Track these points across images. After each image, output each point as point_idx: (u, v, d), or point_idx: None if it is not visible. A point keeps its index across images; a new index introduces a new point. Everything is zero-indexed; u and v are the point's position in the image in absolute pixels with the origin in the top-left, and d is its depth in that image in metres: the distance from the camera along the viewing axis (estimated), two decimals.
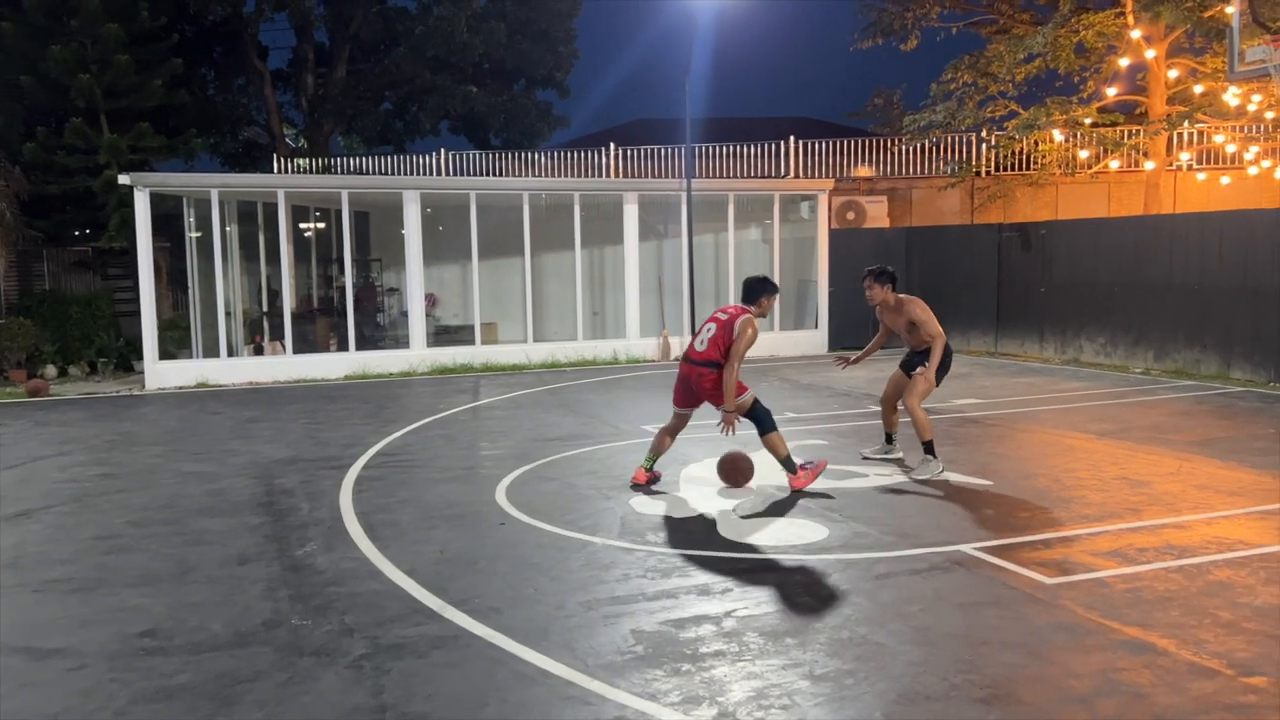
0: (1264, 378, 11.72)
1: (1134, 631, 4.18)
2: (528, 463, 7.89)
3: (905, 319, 7.52)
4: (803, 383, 12.86)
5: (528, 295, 15.54)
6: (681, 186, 16.26)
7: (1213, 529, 5.73)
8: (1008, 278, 15.63)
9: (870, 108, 22.69)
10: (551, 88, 25.53)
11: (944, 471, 7.25)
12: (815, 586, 4.84)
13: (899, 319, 7.57)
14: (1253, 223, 12.16)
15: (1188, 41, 16.39)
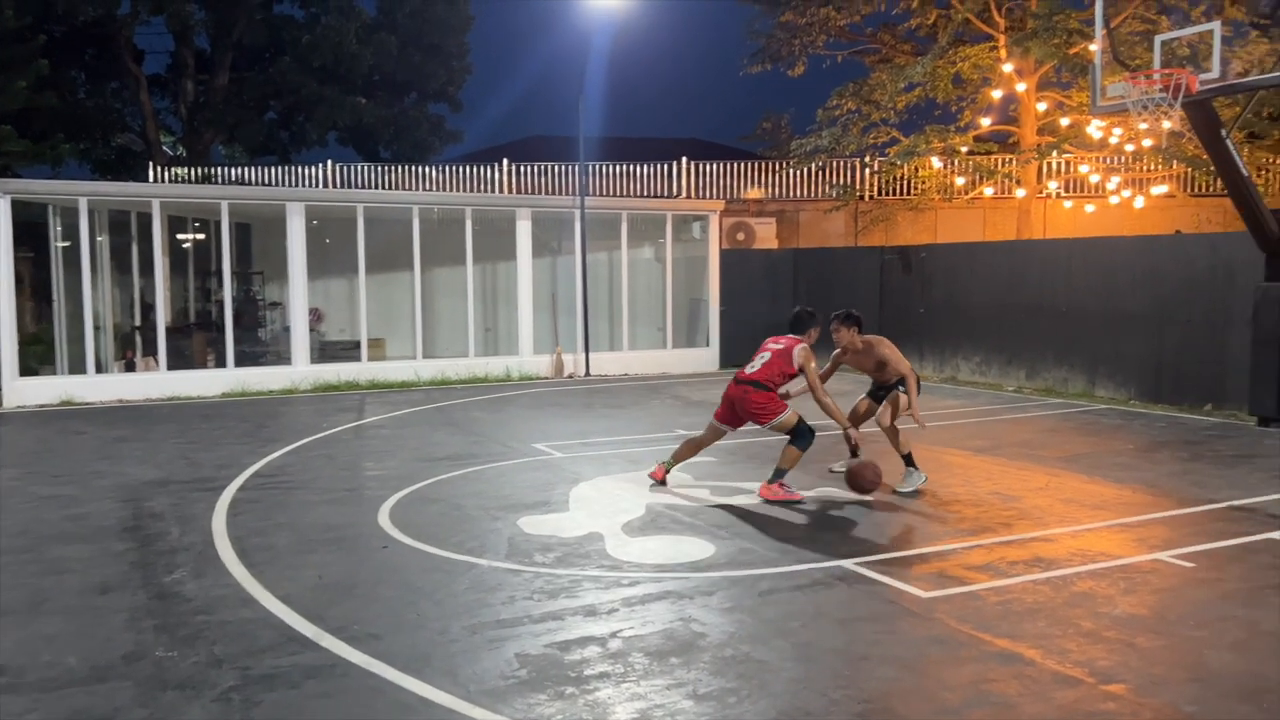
0: (1125, 396, 12.38)
1: (1003, 643, 4.33)
2: (413, 483, 7.72)
3: (874, 359, 7.69)
4: (694, 399, 12.98)
5: (417, 311, 15.27)
6: (575, 204, 16.27)
7: (1077, 541, 6.01)
8: (889, 298, 16.13)
9: (760, 131, 23.23)
10: (444, 102, 25.31)
11: (925, 481, 7.52)
12: (701, 605, 4.86)
13: (867, 360, 7.72)
14: (1114, 249, 12.87)
15: (1056, 76, 17.30)
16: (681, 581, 5.22)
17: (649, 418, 11.38)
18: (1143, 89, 9.67)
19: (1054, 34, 15.42)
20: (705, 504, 6.96)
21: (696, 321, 17.59)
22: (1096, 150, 17.51)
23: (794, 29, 19.48)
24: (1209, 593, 5.03)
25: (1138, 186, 18.34)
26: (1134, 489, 7.44)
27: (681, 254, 17.43)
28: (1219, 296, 11.40)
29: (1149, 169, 18.14)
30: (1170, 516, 6.63)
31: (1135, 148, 16.85)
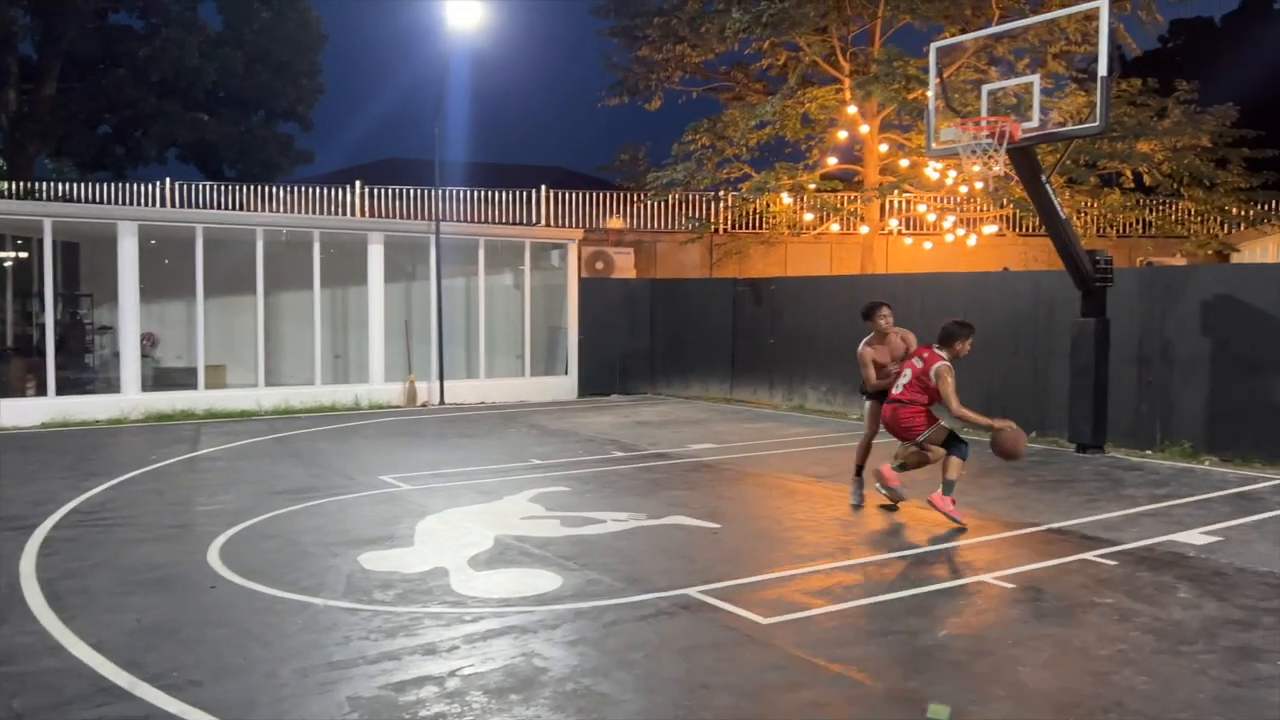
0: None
1: (837, 667, 4.45)
2: (248, 519, 7.36)
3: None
4: (550, 428, 12.93)
5: (260, 336, 14.67)
6: (431, 229, 16.03)
7: (908, 565, 6.25)
8: (741, 329, 16.53)
9: (618, 163, 23.51)
10: (294, 120, 24.54)
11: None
12: (544, 639, 4.80)
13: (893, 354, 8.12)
14: (948, 284, 13.59)
15: (896, 119, 18.21)
16: (526, 616, 5.16)
17: (503, 447, 11.25)
18: (972, 135, 10.28)
19: (894, 79, 16.25)
20: (555, 536, 6.90)
21: (555, 349, 17.57)
22: (933, 190, 18.50)
23: (651, 64, 19.85)
24: (1026, 612, 5.32)
25: (970, 225, 19.47)
26: (963, 513, 7.81)
27: (540, 282, 17.40)
28: (1041, 330, 12.18)
29: (980, 209, 19.30)
30: (995, 539, 7.00)
31: (968, 189, 17.91)
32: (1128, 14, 17.74)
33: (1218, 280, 10.82)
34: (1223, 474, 9.54)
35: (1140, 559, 6.34)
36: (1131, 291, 11.21)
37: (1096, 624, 5.08)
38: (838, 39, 18.08)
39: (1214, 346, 10.51)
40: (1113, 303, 10.97)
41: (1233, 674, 4.40)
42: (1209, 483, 9.06)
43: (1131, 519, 7.55)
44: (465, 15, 16.05)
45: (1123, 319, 11.05)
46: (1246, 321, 10.27)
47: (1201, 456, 10.36)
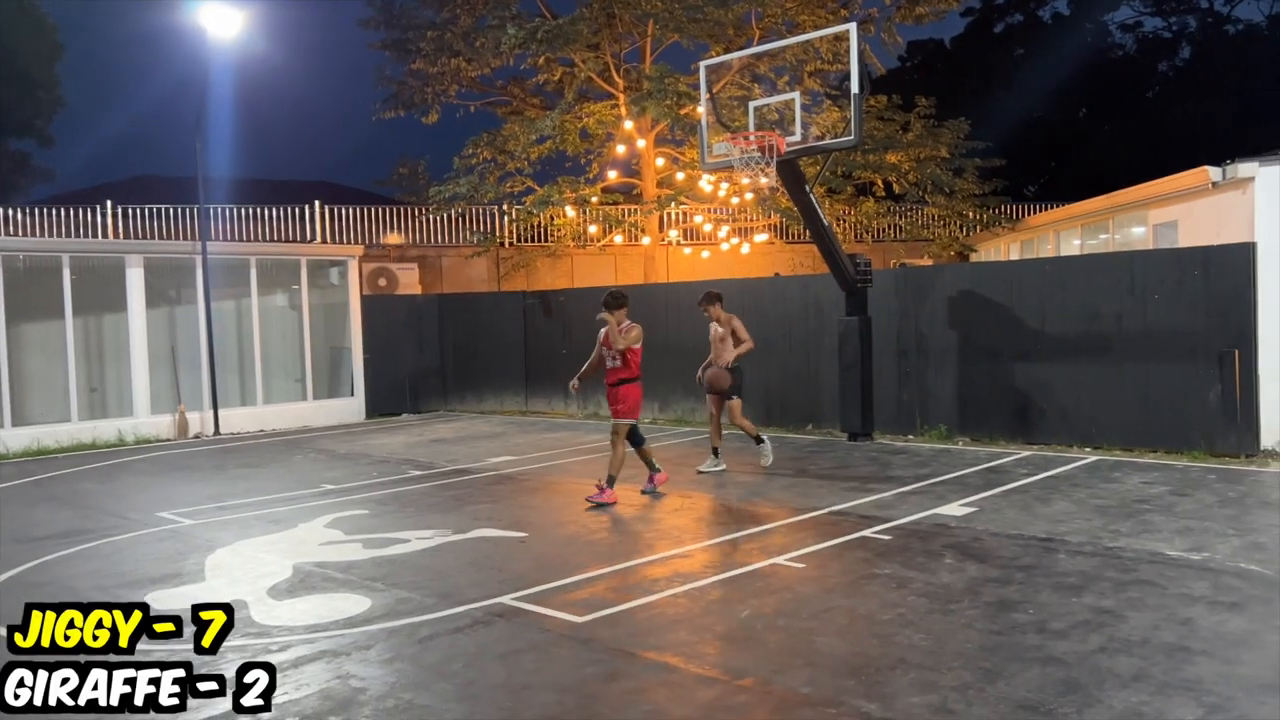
0: None
1: (652, 655, 4.66)
2: (11, 568, 6.73)
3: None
4: (340, 452, 12.53)
5: (3, 373, 13.33)
6: (196, 249, 15.13)
7: (709, 555, 6.60)
8: (533, 341, 16.66)
9: (396, 176, 23.04)
10: (30, 136, 22.42)
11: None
12: (359, 660, 4.73)
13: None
14: (726, 291, 14.19)
15: (671, 134, 18.95)
16: (337, 639, 5.05)
17: (291, 474, 10.81)
18: (742, 149, 10.92)
19: (666, 95, 16.91)
20: (358, 559, 6.75)
21: (339, 371, 17.00)
22: (708, 202, 19.38)
23: (426, 77, 19.64)
24: (817, 588, 5.75)
25: (743, 235, 20.52)
26: (753, 503, 8.30)
27: (319, 301, 16.80)
28: (812, 330, 13.06)
29: (752, 219, 20.38)
30: (784, 525, 7.48)
31: (740, 201, 18.89)
32: (872, 35, 19.34)
33: (960, 278, 12.02)
34: (975, 452, 10.61)
35: (911, 532, 6.98)
36: (889, 291, 12.26)
37: (878, 593, 5.58)
38: (611, 56, 18.61)
39: (960, 338, 11.68)
40: (873, 302, 11.95)
41: (994, 625, 4.97)
42: (963, 461, 10.05)
43: (901, 497, 8.27)
44: (223, 24, 15.31)
45: (882, 317, 12.06)
46: (985, 315, 11.48)
47: (956, 438, 11.47)
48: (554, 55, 18.20)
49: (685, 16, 17.21)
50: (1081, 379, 10.72)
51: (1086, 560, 6.08)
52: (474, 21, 18.95)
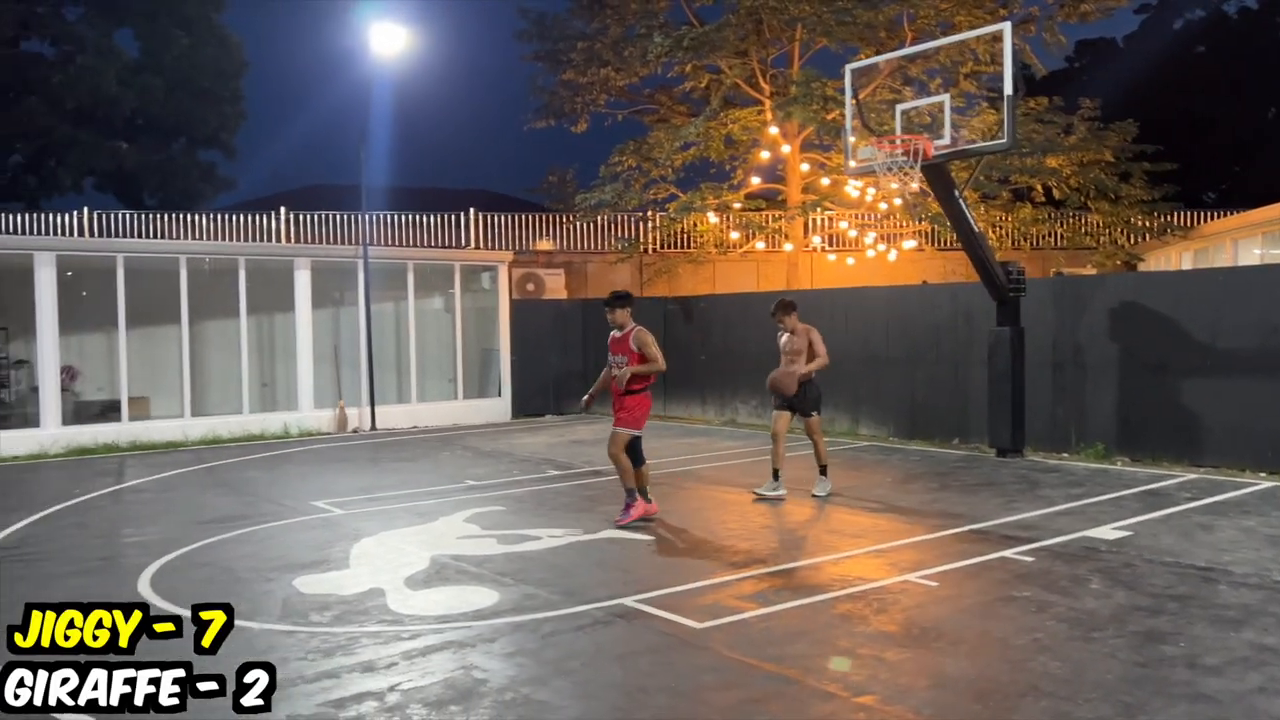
0: (885, 433, 13.39)
1: (769, 666, 4.61)
2: (179, 548, 7.26)
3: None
4: (485, 450, 12.93)
5: (185, 366, 14.41)
6: (358, 254, 15.95)
7: (838, 568, 6.46)
8: (673, 347, 16.69)
9: (545, 184, 23.64)
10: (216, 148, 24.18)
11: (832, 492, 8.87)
12: (483, 652, 4.87)
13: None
14: (871, 299, 13.98)
15: (817, 139, 18.69)
16: (464, 631, 5.21)
17: (438, 470, 11.24)
18: (887, 153, 10.66)
19: (812, 100, 16.69)
20: (492, 553, 6.95)
21: (488, 372, 17.56)
22: (854, 208, 19.00)
23: (576, 87, 20.07)
24: (949, 608, 5.54)
25: (890, 241, 20.02)
26: (889, 518, 8.07)
27: (471, 304, 17.40)
28: (960, 340, 12.60)
29: (900, 225, 19.87)
30: (920, 541, 7.24)
31: (888, 206, 18.44)
32: (1033, 35, 18.53)
33: (1123, 288, 11.35)
34: (1134, 473, 9.99)
35: (1056, 554, 6.63)
36: (1044, 300, 11.70)
37: (1014, 616, 5.33)
38: (758, 61, 18.53)
39: (1121, 351, 11.02)
40: (1026, 312, 11.43)
41: (1139, 656, 4.66)
42: (1120, 481, 9.48)
43: (1048, 518, 7.88)
44: (389, 40, 16.10)
45: (1036, 327, 11.52)
46: (1150, 327, 10.79)
47: (1114, 457, 10.82)
48: (700, 63, 18.26)
49: (834, 20, 16.96)
50: (1257, 398, 9.92)
51: (1251, 593, 5.63)
52: (623, 31, 19.24)
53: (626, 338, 7.87)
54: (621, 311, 7.96)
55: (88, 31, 20.95)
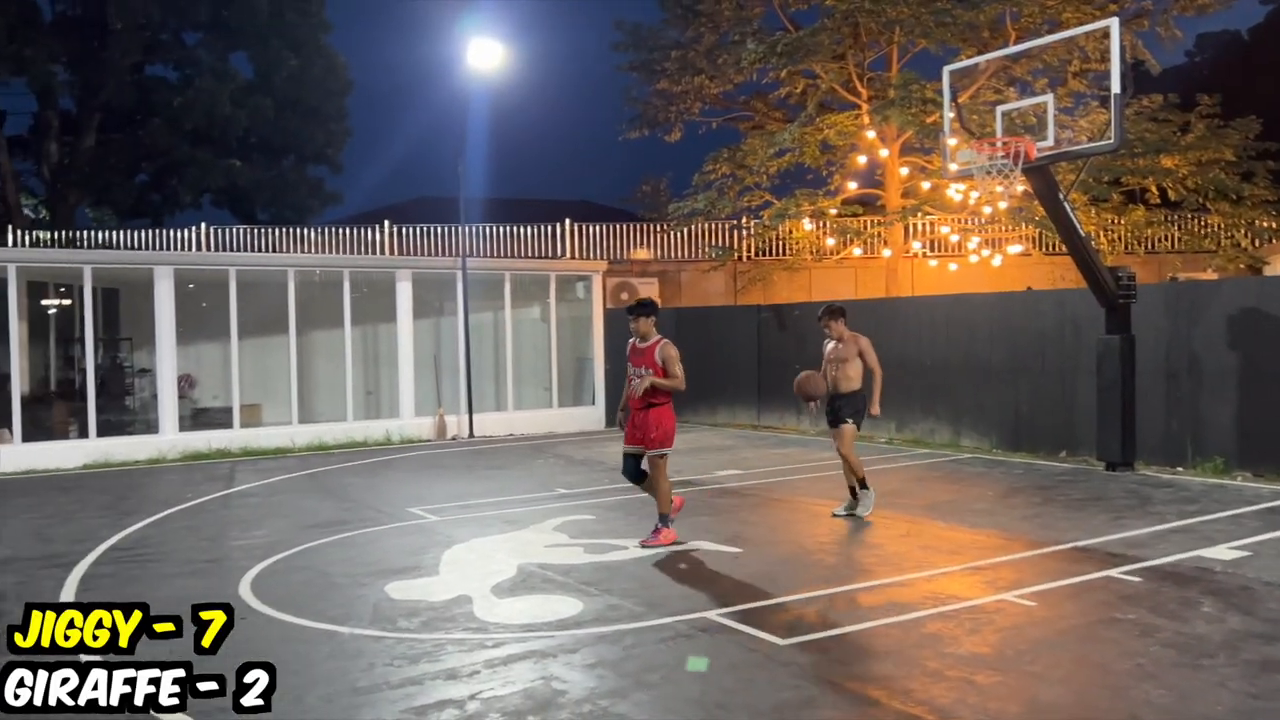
0: (988, 445, 12.97)
1: (854, 686, 4.49)
2: (279, 552, 7.52)
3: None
4: (577, 458, 13.02)
5: (293, 375, 14.94)
6: (457, 265, 16.29)
7: (931, 585, 6.26)
8: (767, 355, 16.58)
9: (639, 194, 23.75)
10: (323, 164, 25.09)
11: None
12: (564, 662, 4.88)
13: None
14: (973, 305, 13.58)
15: (917, 142, 18.28)
16: (546, 640, 5.24)
17: (531, 477, 11.37)
18: (988, 155, 10.34)
19: (911, 103, 16.34)
20: (578, 563, 6.99)
21: (582, 380, 17.71)
22: (956, 212, 18.50)
23: (670, 96, 20.11)
24: (1047, 630, 5.31)
25: (995, 246, 19.41)
26: (988, 533, 7.80)
27: (566, 314, 17.59)
28: (1068, 348, 12.12)
29: (1004, 230, 19.25)
30: (1019, 559, 6.98)
31: (991, 210, 17.88)
32: (1146, 30, 17.75)
33: (1243, 293, 10.74)
34: (1256, 489, 9.43)
35: (1165, 575, 6.30)
36: (1157, 306, 11.16)
37: (1116, 640, 5.07)
38: (854, 65, 18.24)
39: (1242, 360, 10.42)
40: (1138, 319, 10.93)
41: (1253, 686, 4.38)
42: (1241, 498, 8.96)
43: (1159, 536, 7.50)
44: (487, 56, 16.43)
45: (1149, 335, 11.00)
46: (1275, 335, 10.18)
47: (1234, 472, 10.24)
48: (795, 68, 18.08)
49: (933, 21, 16.57)
50: None
51: None
52: (717, 39, 19.20)
53: (651, 350, 7.48)
54: (645, 321, 7.55)
55: (205, 55, 22.03)
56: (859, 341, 8.51)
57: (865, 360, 8.45)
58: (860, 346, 8.48)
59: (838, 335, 8.67)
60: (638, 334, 7.58)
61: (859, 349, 8.47)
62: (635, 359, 7.57)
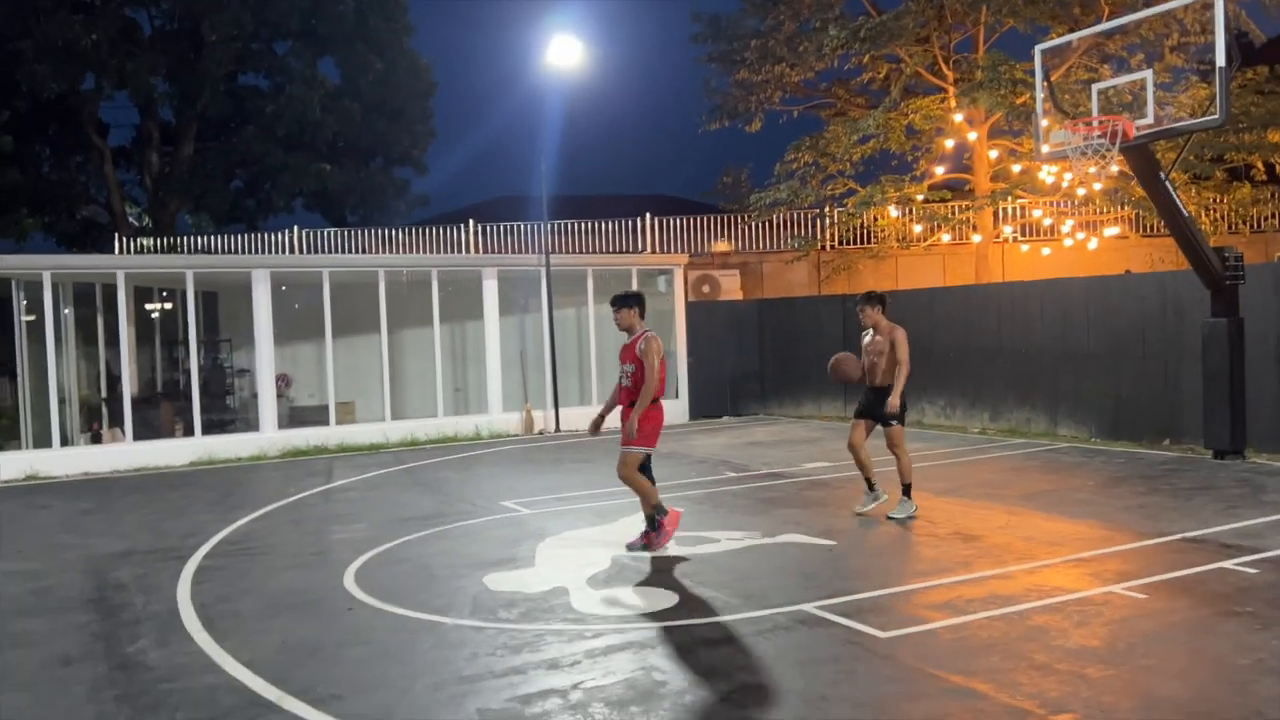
0: (1086, 433, 12.59)
1: (958, 679, 4.41)
2: (380, 545, 7.72)
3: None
4: (662, 452, 12.98)
5: (385, 373, 15.31)
6: (541, 262, 16.47)
7: (1034, 577, 6.12)
8: (854, 345, 16.27)
9: (720, 186, 23.60)
10: (408, 165, 25.62)
11: (916, 515, 7.96)
12: (663, 653, 4.91)
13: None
14: (1069, 290, 13.18)
15: (1006, 124, 17.80)
16: (644, 631, 5.27)
17: None
18: (1083, 136, 10.03)
19: (1000, 84, 15.92)
20: (670, 555, 7.01)
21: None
22: (1049, 195, 17.97)
23: (750, 86, 19.94)
24: (1159, 623, 5.14)
25: (1090, 229, 18.81)
26: (1091, 524, 7.58)
27: (648, 307, 17.59)
28: (1170, 333, 11.69)
29: (1100, 212, 18.62)
30: (1125, 550, 6.76)
31: (1086, 192, 17.33)
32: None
33: None
34: None
35: None
36: (1267, 287, 10.69)
37: (1234, 633, 4.89)
38: (939, 48, 17.85)
39: None
40: (1246, 300, 10.48)
41: None
42: None
43: (1275, 526, 7.19)
44: (566, 54, 16.54)
45: (1258, 317, 10.54)
46: None
47: None
48: (879, 53, 17.77)
49: (1022, 0, 16.11)
50: None
51: None
52: (797, 26, 18.96)
53: (634, 343, 7.05)
54: (627, 313, 7.12)
55: (295, 63, 22.69)
56: (895, 333, 8.04)
57: (895, 352, 7.99)
58: (895, 338, 8.01)
59: (873, 323, 8.22)
60: (622, 328, 7.17)
61: (893, 340, 8.01)
62: (623, 356, 7.17)
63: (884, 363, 8.06)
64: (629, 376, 7.06)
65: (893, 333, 8.03)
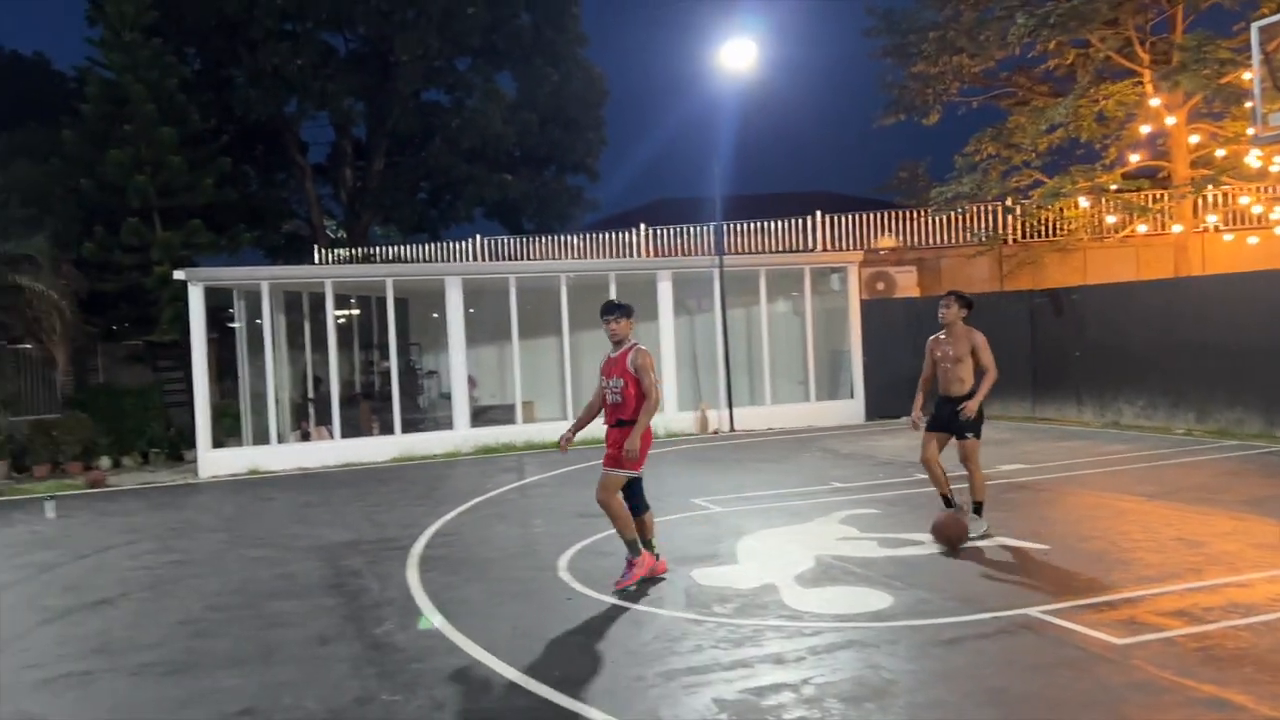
0: None
1: (1210, 689, 4.25)
2: (583, 538, 8.03)
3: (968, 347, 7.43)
4: (843, 452, 12.95)
5: (566, 373, 15.81)
6: (713, 263, 16.61)
7: (1276, 587, 5.77)
8: (1041, 343, 15.74)
9: (896, 181, 23.10)
10: (582, 173, 26.28)
11: (989, 533, 7.39)
12: (887, 653, 4.93)
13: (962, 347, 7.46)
14: (1269, 283, 12.26)
15: (1207, 107, 16.70)
16: (864, 631, 5.30)
17: (801, 471, 11.44)
18: None
19: (1204, 65, 14.97)
20: (875, 556, 6.99)
21: (839, 373, 17.55)
22: (1257, 180, 16.75)
23: (926, 78, 19.48)
24: None
25: None
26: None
27: (821, 306, 17.49)
28: None
29: None
30: None
31: None
32: None
33: None
34: None
35: None
36: None
37: None
38: (1133, 29, 16.92)
39: None
40: None
41: None
42: None
43: None
44: (739, 57, 16.63)
45: None
46: None
47: None
48: (1066, 38, 17.01)
49: None
50: None
51: None
52: (977, 16, 18.39)
53: (623, 357, 6.53)
54: (625, 322, 6.66)
55: (475, 78, 23.69)
56: (975, 337, 7.46)
57: (979, 358, 7.39)
58: (974, 342, 7.43)
59: (950, 322, 7.57)
60: (612, 339, 6.67)
61: (972, 345, 7.42)
62: (607, 369, 6.65)
63: (959, 372, 7.47)
64: (618, 392, 6.52)
65: (972, 336, 7.49)
